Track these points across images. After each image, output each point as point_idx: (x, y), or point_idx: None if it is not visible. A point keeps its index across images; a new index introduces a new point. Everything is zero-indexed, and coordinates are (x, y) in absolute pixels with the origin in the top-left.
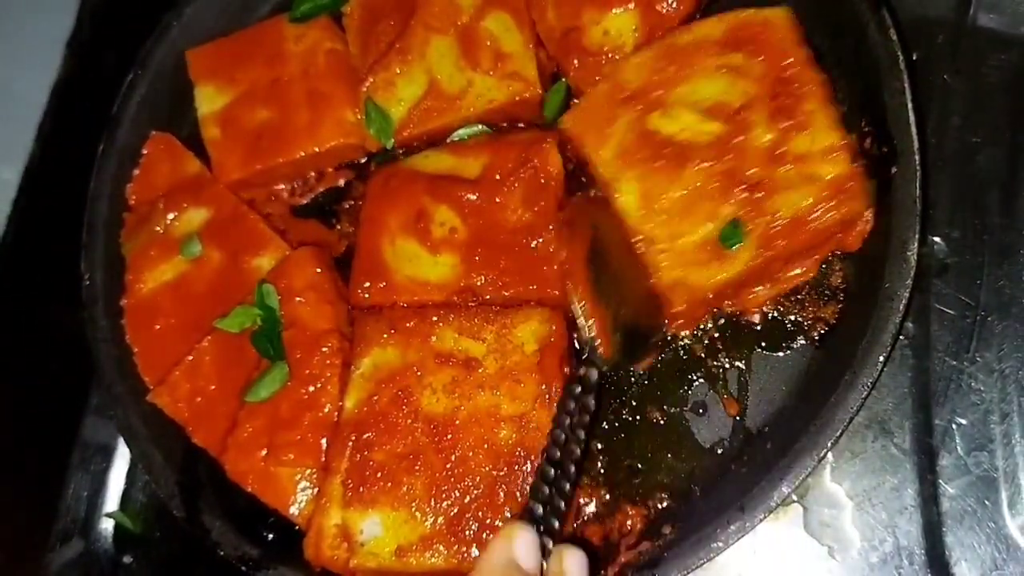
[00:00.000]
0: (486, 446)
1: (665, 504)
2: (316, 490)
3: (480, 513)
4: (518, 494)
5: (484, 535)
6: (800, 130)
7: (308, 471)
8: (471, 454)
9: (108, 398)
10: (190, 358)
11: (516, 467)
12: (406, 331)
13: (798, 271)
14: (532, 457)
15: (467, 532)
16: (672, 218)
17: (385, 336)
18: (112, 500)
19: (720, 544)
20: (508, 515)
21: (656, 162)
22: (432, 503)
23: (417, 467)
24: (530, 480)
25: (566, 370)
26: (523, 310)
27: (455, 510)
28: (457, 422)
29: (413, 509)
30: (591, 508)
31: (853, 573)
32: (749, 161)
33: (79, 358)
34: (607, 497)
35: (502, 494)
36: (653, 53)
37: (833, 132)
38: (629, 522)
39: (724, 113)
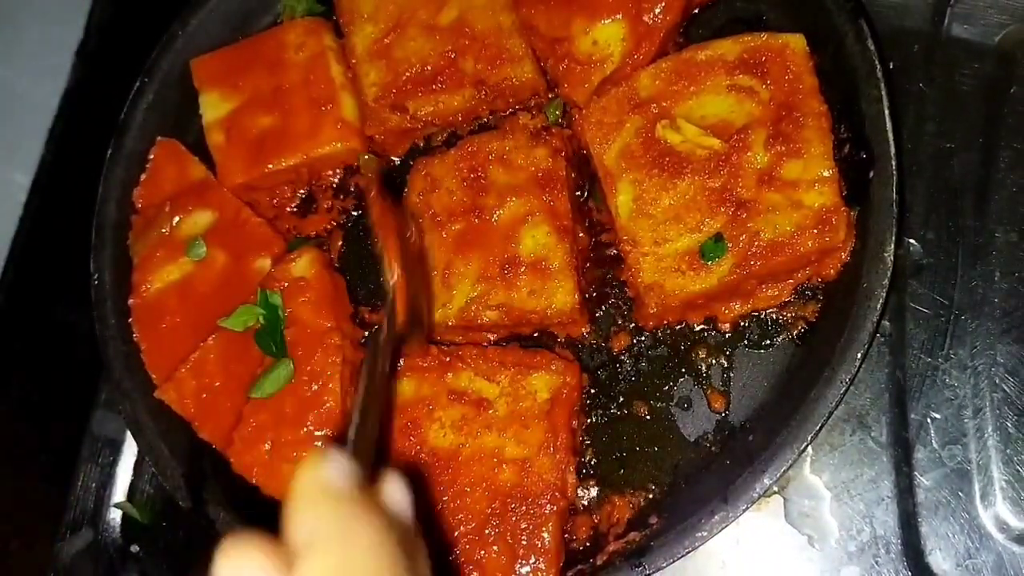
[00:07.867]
0: (484, 484)
1: (652, 495)
2: None
3: (466, 547)
4: (509, 538)
5: (466, 571)
6: (794, 157)
7: None
8: (468, 490)
9: (116, 394)
10: (196, 356)
11: (510, 508)
12: (423, 367)
13: (772, 292)
14: (528, 502)
15: (447, 567)
16: (659, 224)
17: (401, 367)
18: (120, 491)
19: (705, 534)
20: (495, 553)
21: (655, 168)
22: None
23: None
24: (522, 525)
25: (574, 424)
26: (542, 359)
27: (440, 544)
28: (460, 458)
29: None
30: (580, 500)
31: (832, 562)
32: (741, 180)
33: (88, 355)
34: (596, 489)
35: (491, 534)
36: (669, 65)
37: (825, 163)
38: (617, 513)
39: (726, 131)
